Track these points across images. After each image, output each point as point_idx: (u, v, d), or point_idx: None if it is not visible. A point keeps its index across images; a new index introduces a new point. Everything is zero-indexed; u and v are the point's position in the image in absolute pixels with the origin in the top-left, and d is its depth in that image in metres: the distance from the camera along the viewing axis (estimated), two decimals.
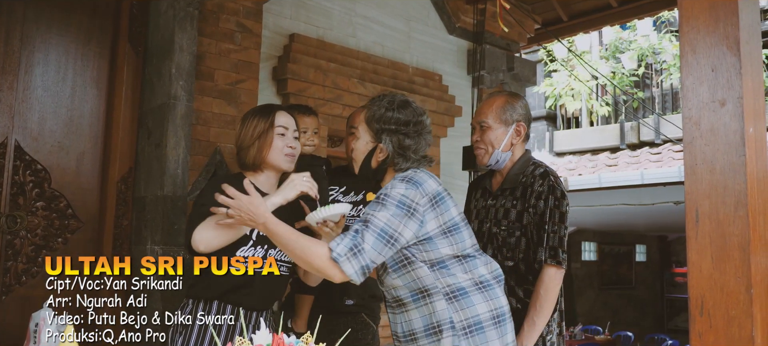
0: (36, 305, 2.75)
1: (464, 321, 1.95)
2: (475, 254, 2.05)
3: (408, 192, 1.94)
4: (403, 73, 4.42)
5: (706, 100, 1.55)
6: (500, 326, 2.01)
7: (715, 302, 1.47)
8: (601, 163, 8.88)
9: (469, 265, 2.02)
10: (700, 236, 1.52)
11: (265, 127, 2.30)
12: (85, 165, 3.27)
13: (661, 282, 15.98)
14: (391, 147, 2.07)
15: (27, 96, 3.12)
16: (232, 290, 2.22)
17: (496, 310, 2.01)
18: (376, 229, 1.89)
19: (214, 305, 2.23)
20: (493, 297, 2.03)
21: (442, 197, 2.02)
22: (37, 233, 3.09)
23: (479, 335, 1.95)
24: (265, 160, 2.29)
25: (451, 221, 2.00)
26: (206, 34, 3.37)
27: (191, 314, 2.24)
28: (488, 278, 2.05)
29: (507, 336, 2.03)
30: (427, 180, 2.01)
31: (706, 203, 1.52)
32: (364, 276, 1.89)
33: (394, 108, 2.09)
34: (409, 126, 2.07)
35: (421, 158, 2.10)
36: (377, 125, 2.09)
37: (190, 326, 2.22)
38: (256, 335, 1.68)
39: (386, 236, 1.90)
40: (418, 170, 2.05)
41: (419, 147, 2.09)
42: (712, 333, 1.47)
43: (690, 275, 1.53)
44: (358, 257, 1.87)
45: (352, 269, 1.86)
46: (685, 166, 1.56)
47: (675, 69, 9.61)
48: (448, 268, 1.98)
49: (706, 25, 1.57)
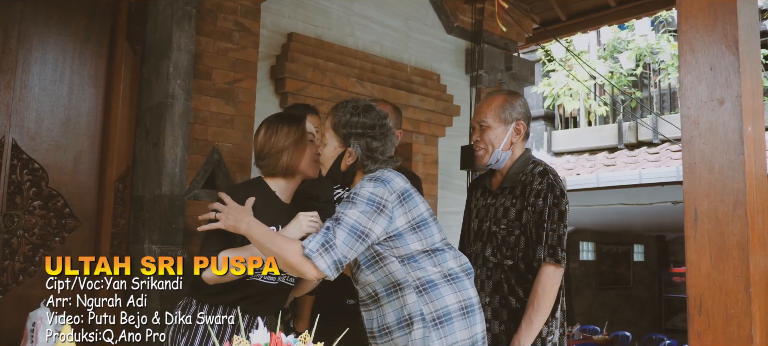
0: (33, 305, 2.74)
1: (434, 313, 2.03)
2: (444, 248, 2.12)
3: (376, 190, 2.03)
4: (401, 72, 4.42)
5: (704, 99, 1.55)
6: (468, 317, 2.08)
7: (714, 301, 1.47)
8: (599, 163, 8.88)
9: (438, 258, 2.09)
10: (699, 235, 1.51)
11: (298, 135, 2.32)
12: (82, 164, 3.26)
13: (659, 282, 15.99)
14: (359, 150, 2.15)
15: (24, 95, 3.11)
16: (244, 298, 2.25)
17: (465, 302, 2.08)
18: (347, 226, 1.97)
19: (220, 309, 2.25)
20: (462, 289, 2.09)
21: (409, 193, 2.10)
22: (34, 233, 3.08)
23: (448, 325, 2.03)
24: (298, 169, 2.32)
25: (419, 217, 2.08)
26: (204, 33, 3.36)
27: (194, 315, 2.25)
28: (457, 271, 2.12)
29: (475, 327, 2.09)
30: (394, 179, 2.10)
31: (704, 202, 1.52)
32: (337, 271, 1.96)
33: (359, 113, 2.18)
34: (375, 129, 2.16)
35: (389, 159, 2.19)
36: (344, 130, 2.17)
37: (193, 327, 2.22)
38: (254, 334, 1.67)
39: (357, 232, 1.97)
40: (386, 170, 2.14)
41: (386, 148, 2.18)
42: (711, 332, 1.47)
43: (689, 274, 1.53)
44: (330, 252, 1.93)
45: (325, 263, 1.93)
46: (683, 165, 1.56)
47: (673, 69, 9.61)
48: (418, 262, 2.06)
49: (704, 24, 1.57)
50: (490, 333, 2.47)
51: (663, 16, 9.87)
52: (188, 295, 2.32)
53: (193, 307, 2.27)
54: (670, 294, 15.82)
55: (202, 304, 2.25)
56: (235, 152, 3.41)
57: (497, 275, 2.46)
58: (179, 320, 2.28)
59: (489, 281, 2.48)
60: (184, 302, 2.32)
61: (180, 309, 2.31)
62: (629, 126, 9.27)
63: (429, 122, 4.54)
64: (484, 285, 2.49)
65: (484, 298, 2.48)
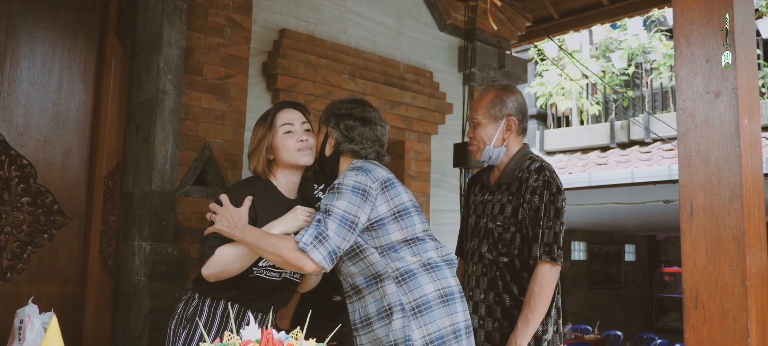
0: (21, 302, 2.72)
1: (413, 302, 2.05)
2: (425, 238, 2.16)
3: (359, 178, 2.08)
4: (394, 69, 4.40)
5: (700, 92, 1.53)
6: (448, 305, 2.10)
7: (710, 294, 1.46)
8: (592, 162, 8.89)
9: (418, 248, 2.13)
10: (695, 229, 1.50)
11: (264, 132, 2.34)
12: (71, 160, 3.22)
13: (650, 282, 16.05)
14: (337, 131, 2.24)
15: (12, 90, 3.07)
16: (247, 293, 2.25)
17: (444, 289, 2.11)
18: (337, 216, 2.01)
19: (221, 303, 2.25)
20: (441, 278, 2.12)
21: (392, 182, 2.16)
22: (22, 229, 3.04)
23: (427, 313, 2.05)
24: (278, 163, 2.33)
25: (401, 205, 2.14)
26: (195, 28, 3.33)
27: (198, 309, 2.26)
28: (437, 260, 2.15)
29: (456, 315, 2.11)
30: (376, 169, 2.16)
31: (700, 196, 1.50)
32: (332, 262, 2.00)
33: (345, 101, 2.31)
34: (355, 112, 2.25)
35: (371, 147, 2.23)
36: (326, 114, 2.31)
37: (194, 321, 2.23)
38: (245, 331, 1.65)
39: (347, 222, 2.02)
40: (368, 161, 2.20)
41: (365, 133, 2.22)
42: (707, 326, 1.46)
43: (684, 267, 1.51)
44: (324, 243, 1.98)
45: (320, 255, 1.97)
46: (679, 158, 1.55)
47: (665, 68, 9.64)
48: (398, 252, 2.09)
49: (700, 16, 1.56)
50: (483, 330, 2.46)
51: (655, 16, 9.89)
52: (192, 289, 2.33)
53: (195, 301, 2.29)
54: (661, 294, 15.88)
55: (205, 298, 2.26)
56: (226, 148, 3.38)
57: (492, 272, 2.45)
58: (182, 312, 2.28)
59: (484, 277, 2.47)
60: (188, 295, 2.34)
61: (183, 302, 2.33)
62: (621, 125, 9.29)
63: (421, 120, 4.52)
64: (480, 282, 2.48)
65: (479, 294, 2.47)
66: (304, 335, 1.68)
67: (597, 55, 10.40)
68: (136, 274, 3.07)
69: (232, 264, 2.17)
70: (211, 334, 2.22)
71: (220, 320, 2.26)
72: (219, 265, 2.16)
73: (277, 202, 2.32)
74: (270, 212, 2.24)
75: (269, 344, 1.64)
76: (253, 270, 2.24)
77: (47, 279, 3.11)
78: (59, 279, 3.15)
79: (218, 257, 2.15)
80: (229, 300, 2.26)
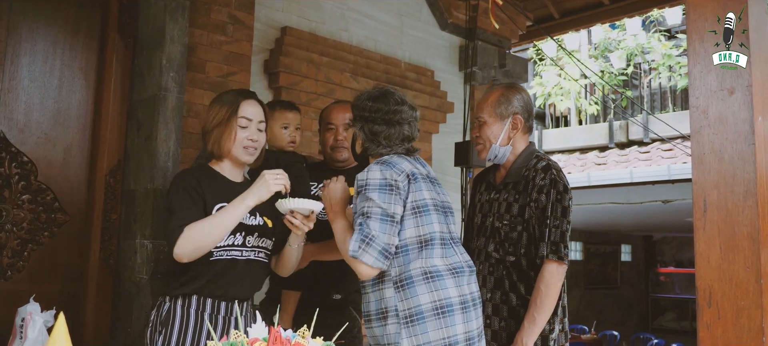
0: (21, 300, 2.68)
1: (407, 310, 2.04)
2: (434, 244, 2.11)
3: (384, 172, 2.08)
4: (395, 68, 4.39)
5: (714, 89, 1.53)
6: (444, 317, 2.05)
7: (724, 292, 1.45)
8: (590, 162, 8.89)
9: (426, 252, 2.09)
10: (708, 227, 1.49)
11: (226, 115, 2.21)
12: (72, 158, 3.20)
13: (646, 282, 16.09)
14: (363, 134, 2.24)
15: (13, 86, 3.04)
16: (213, 279, 2.15)
17: (441, 302, 2.06)
18: (377, 214, 2.02)
19: (193, 299, 2.16)
20: (440, 288, 2.07)
21: (416, 176, 2.14)
22: (22, 227, 3.02)
23: (419, 324, 2.03)
24: (225, 151, 2.22)
25: (421, 201, 2.11)
26: (197, 25, 3.31)
27: (170, 312, 2.17)
28: (441, 269, 2.10)
29: (453, 328, 2.05)
30: (400, 162, 2.14)
31: (714, 193, 1.50)
32: (386, 259, 2.02)
33: (370, 98, 2.26)
34: (380, 113, 2.21)
35: (398, 144, 2.22)
36: (356, 113, 2.28)
37: (169, 325, 2.15)
38: (253, 329, 1.64)
39: (387, 217, 2.03)
40: (393, 155, 2.19)
41: (392, 134, 2.21)
42: (721, 324, 1.45)
43: (698, 265, 1.51)
44: (372, 244, 2.00)
45: (372, 257, 2.00)
46: (692, 155, 1.54)
47: (664, 68, 9.65)
48: (407, 253, 2.07)
49: (713, 13, 1.55)
50: (490, 329, 2.45)
51: (654, 16, 9.90)
52: (161, 294, 2.25)
53: (167, 304, 2.20)
54: (657, 294, 15.92)
55: (175, 299, 2.18)
56: None
57: (499, 272, 2.44)
58: (156, 318, 2.21)
59: (491, 276, 2.46)
60: (159, 301, 2.25)
61: (155, 309, 2.25)
62: (620, 125, 9.29)
63: (423, 119, 4.51)
64: (486, 281, 2.47)
65: (486, 294, 2.46)
66: (311, 333, 1.66)
67: (596, 55, 10.40)
68: (138, 272, 3.05)
69: (205, 238, 2.05)
70: (188, 334, 2.16)
71: (196, 317, 2.16)
72: (191, 240, 2.04)
73: (224, 185, 2.23)
74: (220, 195, 2.18)
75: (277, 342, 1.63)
76: (213, 253, 2.13)
77: (48, 277, 3.09)
78: (60, 277, 3.12)
79: (188, 233, 2.04)
80: (199, 295, 2.16)
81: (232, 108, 2.21)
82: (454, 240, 2.22)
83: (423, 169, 2.25)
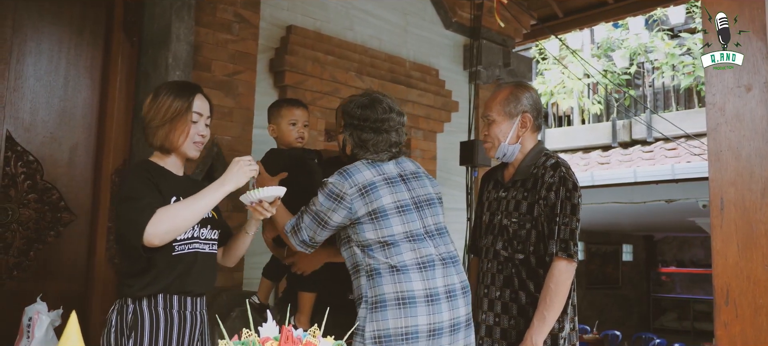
0: (27, 300, 2.67)
1: (373, 298, 2.19)
2: (400, 242, 2.22)
3: (336, 182, 2.23)
4: (400, 67, 4.38)
5: (731, 86, 1.51)
6: (405, 308, 2.16)
7: (742, 290, 1.44)
8: (593, 162, 8.87)
9: (390, 251, 2.21)
10: (726, 224, 1.48)
11: (180, 110, 2.12)
12: (78, 157, 3.19)
13: (647, 282, 16.07)
14: (352, 140, 2.34)
15: (19, 85, 3.03)
16: (179, 276, 2.08)
17: (403, 293, 2.17)
18: (312, 213, 2.26)
19: (159, 298, 2.07)
20: (405, 281, 2.18)
21: (374, 186, 2.24)
22: (28, 226, 3.01)
23: (381, 312, 2.17)
24: (175, 146, 2.14)
25: (379, 208, 2.21)
26: (203, 23, 3.30)
27: (136, 314, 2.04)
28: (408, 263, 2.21)
29: (415, 319, 2.16)
30: (362, 172, 2.26)
31: (731, 191, 1.48)
32: (307, 247, 2.32)
33: (360, 106, 2.35)
34: (368, 122, 2.31)
35: (385, 151, 2.33)
36: (344, 120, 2.38)
37: (139, 326, 2.03)
38: (263, 328, 1.63)
39: (318, 219, 2.25)
40: (363, 162, 2.30)
41: (379, 141, 2.32)
42: (739, 323, 1.44)
43: (714, 263, 1.49)
44: (298, 233, 2.30)
45: (295, 241, 2.32)
46: (709, 153, 1.53)
47: (667, 67, 9.63)
48: (373, 250, 2.22)
49: (730, 9, 1.54)
50: (499, 328, 2.43)
51: (657, 15, 9.89)
52: (121, 296, 2.09)
53: (130, 306, 2.06)
54: (658, 294, 15.90)
55: (139, 301, 2.05)
56: (234, 145, 3.35)
57: (508, 269, 2.42)
58: (117, 323, 2.06)
59: (500, 275, 2.44)
60: (118, 304, 2.09)
61: (115, 313, 2.07)
62: (623, 124, 9.26)
63: (427, 118, 4.50)
64: (495, 279, 2.45)
65: (495, 292, 2.45)
66: (322, 332, 1.65)
67: (598, 55, 10.38)
68: None
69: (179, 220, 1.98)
70: (160, 334, 2.05)
71: (165, 315, 2.07)
72: (166, 221, 1.94)
73: (171, 179, 2.16)
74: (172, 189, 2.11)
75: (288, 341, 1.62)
76: (174, 247, 2.06)
77: (53, 276, 3.08)
78: (65, 276, 3.12)
79: (162, 214, 1.95)
80: (166, 292, 2.07)
81: (187, 103, 2.14)
82: (429, 233, 2.28)
83: (400, 168, 2.34)
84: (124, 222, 2.00)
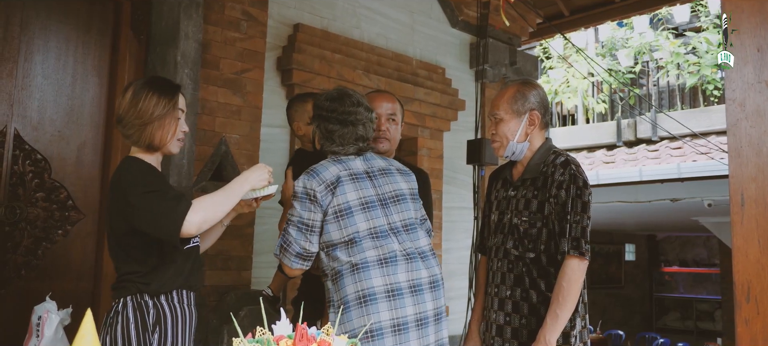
0: (35, 299, 2.66)
1: (338, 301, 2.21)
2: (362, 239, 2.22)
3: (306, 182, 2.22)
4: (406, 65, 4.37)
5: (751, 81, 1.50)
6: (366, 305, 2.17)
7: (763, 287, 1.43)
8: (598, 161, 8.85)
9: (352, 250, 2.21)
10: (746, 221, 1.47)
11: (168, 107, 2.10)
12: (86, 155, 3.18)
13: (649, 281, 16.05)
14: (319, 132, 2.36)
15: (27, 84, 3.03)
16: (191, 270, 2.14)
17: (364, 291, 2.18)
18: (294, 224, 2.23)
19: (174, 294, 2.09)
20: (365, 279, 2.19)
21: (341, 181, 2.25)
22: (36, 225, 3.00)
23: (346, 313, 2.19)
24: (161, 143, 2.11)
25: (344, 205, 2.22)
26: (211, 22, 3.29)
27: (157, 309, 2.06)
28: (369, 261, 2.21)
29: (378, 315, 2.17)
30: (328, 168, 2.26)
31: (752, 187, 1.47)
32: (302, 261, 2.22)
33: (328, 98, 2.37)
34: (335, 113, 2.33)
35: (351, 147, 2.33)
36: (314, 111, 2.40)
37: (163, 321, 2.05)
38: (277, 326, 1.62)
39: (303, 227, 2.21)
40: (330, 159, 2.31)
41: (346, 133, 2.32)
42: (760, 319, 1.42)
43: (735, 260, 1.48)
44: (289, 249, 2.21)
45: (288, 260, 2.22)
46: (729, 149, 1.51)
47: (672, 66, 9.60)
48: (337, 251, 2.23)
49: (750, 4, 1.52)
50: (510, 327, 2.42)
51: (662, 14, 9.86)
52: (135, 292, 2.06)
53: (150, 301, 2.05)
54: (661, 293, 15.89)
55: (157, 297, 2.06)
56: (242, 144, 3.34)
57: (519, 268, 2.41)
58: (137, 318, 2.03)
59: (510, 274, 2.43)
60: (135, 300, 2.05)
61: (130, 307, 2.04)
62: (628, 123, 9.24)
63: (434, 116, 4.49)
64: (506, 278, 2.44)
65: (505, 291, 2.43)
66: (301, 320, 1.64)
67: (603, 53, 10.36)
68: None
69: (216, 209, 2.01)
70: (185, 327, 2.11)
71: (182, 311, 2.10)
72: (204, 210, 1.96)
73: (159, 176, 2.13)
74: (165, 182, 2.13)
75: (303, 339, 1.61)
76: (189, 242, 2.09)
77: (61, 275, 3.07)
78: (74, 275, 3.11)
79: (200, 203, 1.96)
80: (181, 287, 2.10)
81: (173, 100, 2.13)
82: (394, 230, 2.28)
83: (367, 165, 2.35)
84: (151, 215, 1.94)
